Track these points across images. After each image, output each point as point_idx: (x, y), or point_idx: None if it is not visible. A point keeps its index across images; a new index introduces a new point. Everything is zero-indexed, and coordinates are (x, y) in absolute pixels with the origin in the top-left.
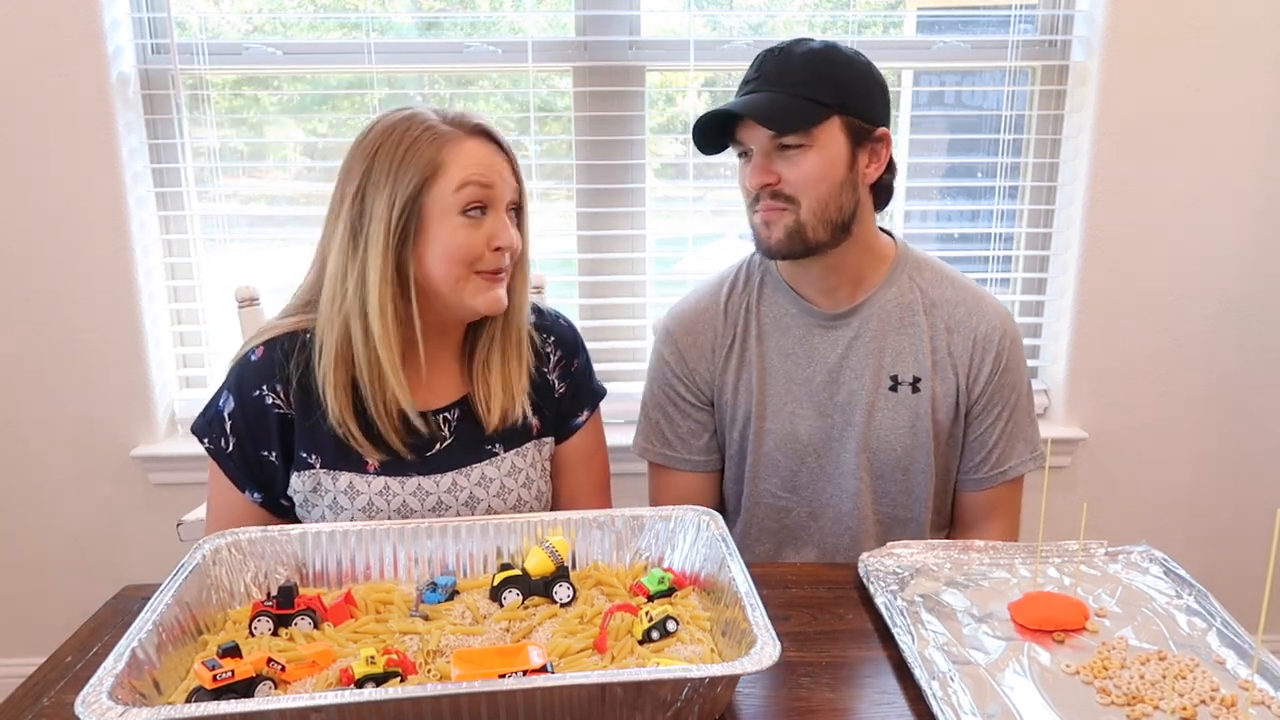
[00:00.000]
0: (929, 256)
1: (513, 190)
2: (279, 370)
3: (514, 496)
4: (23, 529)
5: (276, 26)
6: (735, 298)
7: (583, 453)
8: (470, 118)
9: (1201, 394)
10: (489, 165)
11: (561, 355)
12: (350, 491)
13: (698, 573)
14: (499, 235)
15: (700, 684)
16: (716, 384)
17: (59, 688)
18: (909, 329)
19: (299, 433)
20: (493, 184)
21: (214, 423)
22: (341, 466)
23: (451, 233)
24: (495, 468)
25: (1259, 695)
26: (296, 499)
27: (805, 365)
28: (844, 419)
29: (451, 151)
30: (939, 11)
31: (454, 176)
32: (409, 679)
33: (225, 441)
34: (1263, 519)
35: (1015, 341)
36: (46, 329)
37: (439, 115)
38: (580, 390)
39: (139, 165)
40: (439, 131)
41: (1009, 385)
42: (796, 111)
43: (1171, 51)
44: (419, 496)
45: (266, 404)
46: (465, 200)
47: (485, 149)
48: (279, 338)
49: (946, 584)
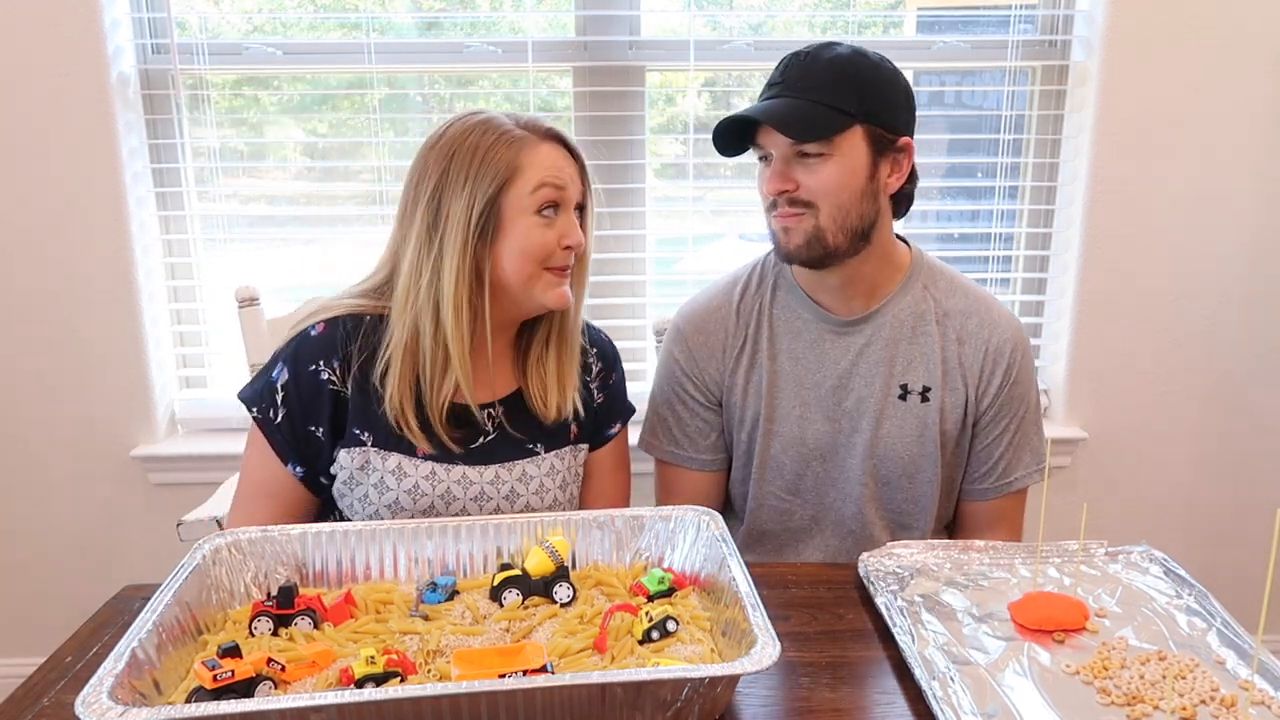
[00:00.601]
0: (943, 265)
1: (579, 192)
2: (340, 348)
3: (551, 496)
4: (23, 529)
5: (276, 26)
6: (748, 299)
7: (608, 465)
8: (543, 123)
9: (1201, 394)
10: (561, 168)
11: (603, 368)
12: (398, 472)
13: (698, 573)
14: (569, 234)
15: (700, 684)
16: (726, 384)
17: (59, 688)
18: (921, 338)
19: (353, 410)
20: (565, 185)
21: (264, 392)
22: (393, 447)
23: (527, 232)
24: (536, 466)
25: (1259, 695)
26: (341, 475)
27: (816, 370)
28: (851, 425)
29: (528, 155)
30: (939, 11)
31: (531, 178)
32: (409, 679)
33: (274, 412)
34: (1263, 519)
35: (1026, 354)
36: (46, 329)
37: (513, 120)
38: (615, 402)
39: (139, 165)
40: (515, 136)
41: (1018, 398)
42: (817, 120)
43: (1171, 51)
44: (463, 485)
45: (322, 379)
46: (541, 201)
47: (557, 152)
48: (342, 317)
49: (946, 584)
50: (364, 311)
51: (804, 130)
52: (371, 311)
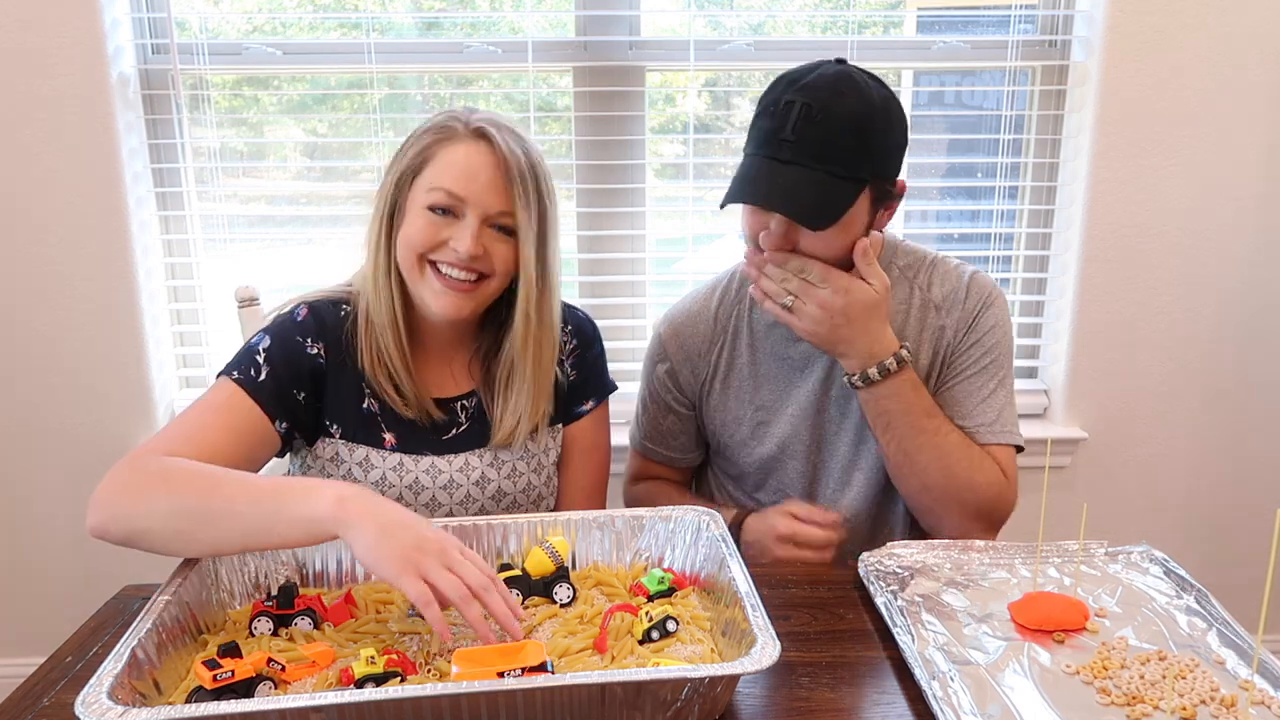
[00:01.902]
0: (907, 243)
1: (495, 208)
2: (322, 330)
3: (524, 480)
4: (23, 529)
5: (276, 26)
6: (727, 304)
7: (583, 444)
8: (479, 121)
9: (1201, 394)
10: (469, 176)
11: (577, 345)
12: (365, 464)
13: (698, 573)
14: (458, 239)
15: (700, 684)
16: (705, 389)
17: (59, 688)
18: (896, 312)
19: (328, 397)
20: (464, 198)
21: (244, 358)
22: (361, 440)
23: (413, 220)
24: (508, 451)
25: (1259, 695)
26: (314, 466)
27: (801, 367)
28: (839, 413)
29: (440, 150)
30: (939, 11)
31: (430, 177)
32: (409, 679)
33: (257, 371)
34: (1263, 519)
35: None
36: (46, 329)
37: (464, 116)
38: (589, 379)
39: (139, 165)
40: (444, 130)
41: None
42: (833, 200)
43: (1171, 51)
44: (431, 474)
45: (307, 351)
46: (431, 202)
47: (474, 158)
48: (321, 301)
49: (946, 584)
50: (339, 298)
51: (821, 218)
52: (347, 299)
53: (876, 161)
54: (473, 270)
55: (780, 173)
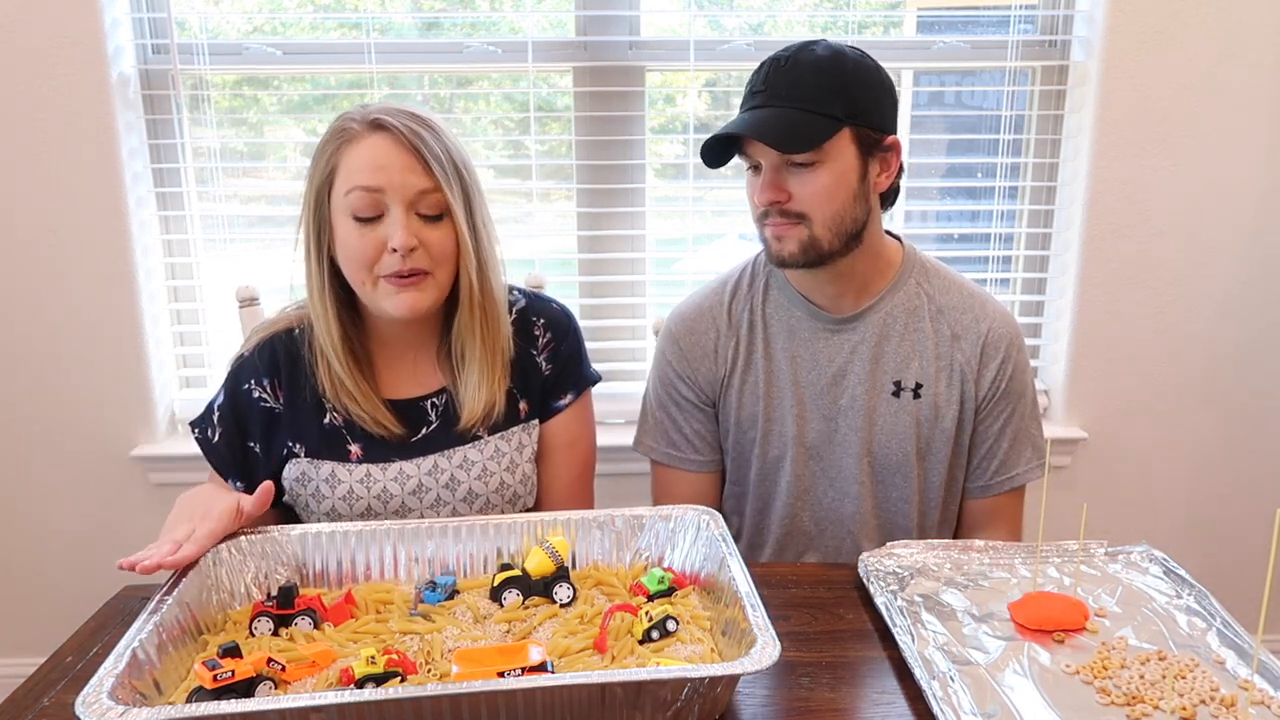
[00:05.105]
0: (935, 261)
1: (415, 190)
2: (269, 366)
3: (496, 480)
4: (23, 529)
5: (276, 26)
6: (740, 299)
7: (564, 439)
8: (373, 114)
9: (1202, 394)
10: (379, 167)
11: (551, 337)
12: (332, 480)
13: (698, 572)
14: (392, 236)
15: (700, 684)
16: (720, 385)
17: (59, 688)
18: (914, 334)
19: (286, 425)
20: (381, 188)
21: (205, 416)
22: (325, 456)
23: (345, 238)
24: (478, 451)
25: (1259, 695)
26: (289, 489)
27: (810, 369)
28: (847, 423)
29: (345, 154)
30: (939, 11)
31: (342, 183)
32: (409, 679)
33: (211, 432)
34: (1262, 519)
35: (1021, 349)
36: (46, 329)
37: (360, 112)
38: (566, 372)
39: (139, 165)
40: (343, 133)
41: (1015, 392)
42: (806, 129)
43: (1171, 51)
44: (400, 481)
45: (254, 398)
46: (352, 206)
47: (379, 149)
48: (271, 336)
49: (946, 584)
50: (290, 326)
51: (794, 141)
52: (299, 324)
53: (853, 102)
54: (416, 270)
55: (754, 114)
